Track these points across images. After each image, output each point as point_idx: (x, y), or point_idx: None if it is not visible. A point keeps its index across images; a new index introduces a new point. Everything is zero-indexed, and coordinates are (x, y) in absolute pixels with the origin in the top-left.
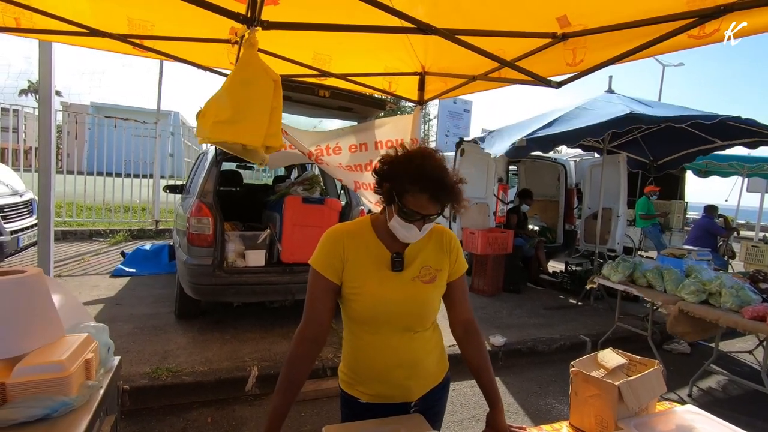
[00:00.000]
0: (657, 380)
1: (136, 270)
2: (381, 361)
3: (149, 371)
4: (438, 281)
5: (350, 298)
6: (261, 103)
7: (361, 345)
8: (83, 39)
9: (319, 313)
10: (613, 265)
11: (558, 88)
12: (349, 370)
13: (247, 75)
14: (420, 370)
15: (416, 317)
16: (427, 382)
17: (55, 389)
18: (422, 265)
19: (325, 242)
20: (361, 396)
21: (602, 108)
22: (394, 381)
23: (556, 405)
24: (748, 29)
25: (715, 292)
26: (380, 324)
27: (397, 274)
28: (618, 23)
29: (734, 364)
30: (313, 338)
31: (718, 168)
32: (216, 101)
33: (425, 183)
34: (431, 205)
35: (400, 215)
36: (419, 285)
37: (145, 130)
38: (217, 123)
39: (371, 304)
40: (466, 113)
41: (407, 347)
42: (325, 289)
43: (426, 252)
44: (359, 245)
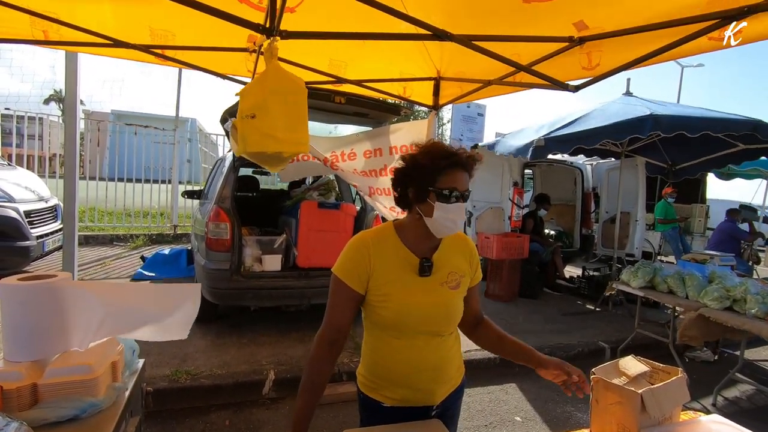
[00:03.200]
0: (680, 389)
1: (155, 274)
2: (407, 364)
3: (169, 374)
4: (462, 287)
5: (378, 305)
6: (302, 109)
7: (385, 349)
8: (108, 50)
9: (340, 320)
10: (632, 271)
11: (575, 91)
12: (371, 374)
13: (281, 84)
14: (443, 373)
15: (443, 322)
16: (448, 385)
17: (84, 390)
18: (449, 271)
19: (349, 251)
20: (385, 400)
21: (620, 110)
22: (419, 385)
23: (574, 413)
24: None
25: (740, 299)
26: (408, 329)
27: (425, 279)
28: (636, 26)
29: (760, 372)
30: (333, 341)
31: (741, 171)
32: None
33: (452, 158)
34: (463, 177)
35: (441, 200)
36: (447, 290)
37: (164, 137)
38: (266, 135)
39: (400, 310)
40: (480, 117)
41: (433, 351)
42: (347, 297)
43: (451, 258)
44: (386, 252)
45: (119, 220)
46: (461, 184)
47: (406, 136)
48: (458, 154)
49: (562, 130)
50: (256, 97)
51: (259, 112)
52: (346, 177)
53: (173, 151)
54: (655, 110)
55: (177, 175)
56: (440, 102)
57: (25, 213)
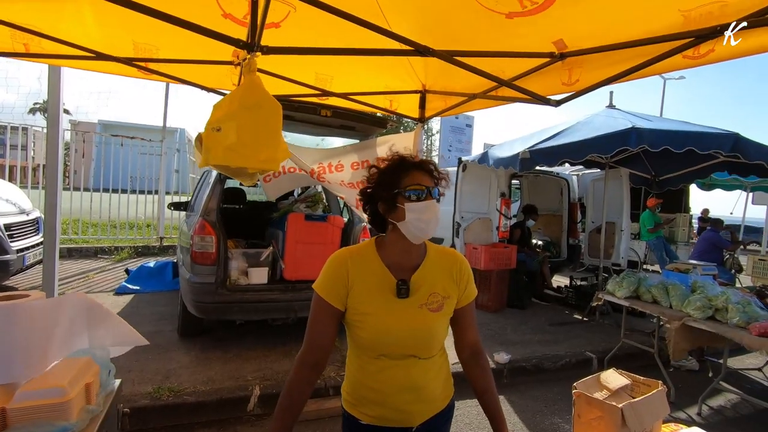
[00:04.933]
0: (661, 402)
1: (140, 287)
2: (385, 384)
3: (151, 391)
4: (445, 309)
5: (355, 324)
6: (273, 126)
7: (365, 368)
8: (90, 63)
9: (321, 338)
10: (617, 281)
11: (557, 106)
12: (352, 390)
13: (253, 100)
14: (423, 395)
15: (422, 346)
16: (430, 407)
17: (56, 414)
18: (431, 292)
19: (329, 267)
20: (362, 417)
21: (603, 123)
22: (396, 405)
23: (562, 425)
24: (741, 50)
25: (722, 308)
26: (385, 351)
27: (403, 301)
28: (614, 43)
29: (745, 381)
30: (314, 363)
31: (722, 181)
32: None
33: (411, 162)
34: (426, 176)
35: (410, 202)
36: (426, 313)
37: (151, 148)
38: (229, 149)
39: (377, 332)
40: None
41: (411, 373)
42: (327, 314)
43: (434, 278)
44: (364, 270)
45: (104, 231)
46: (427, 181)
47: (393, 148)
48: (418, 162)
49: (547, 143)
50: (225, 110)
51: (225, 125)
52: (333, 189)
53: (161, 162)
54: (636, 123)
55: (164, 186)
56: (426, 114)
57: (5, 226)
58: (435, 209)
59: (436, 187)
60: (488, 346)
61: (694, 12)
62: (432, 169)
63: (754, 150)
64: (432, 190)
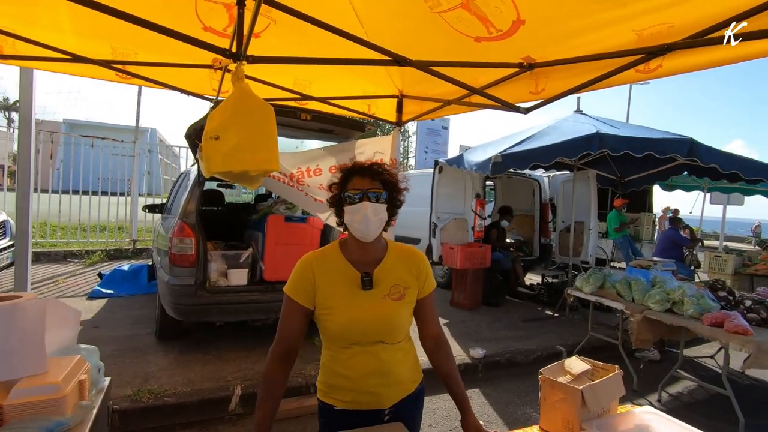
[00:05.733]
0: (617, 384)
1: (114, 291)
2: (355, 370)
3: (130, 393)
4: (407, 298)
5: (324, 318)
6: (268, 129)
7: (336, 357)
8: (66, 65)
9: (290, 335)
10: (585, 277)
11: (526, 113)
12: (326, 379)
13: (247, 105)
14: (392, 378)
15: (387, 332)
16: (399, 390)
17: (51, 410)
18: (392, 284)
19: (296, 269)
20: (336, 403)
21: (571, 128)
22: (367, 389)
23: (533, 414)
24: (684, 66)
25: (678, 301)
26: (353, 339)
27: (368, 292)
28: (577, 57)
29: (700, 369)
30: (285, 356)
31: (682, 182)
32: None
33: (353, 169)
34: (363, 180)
35: (347, 205)
36: (389, 302)
37: (123, 149)
38: (228, 155)
39: (343, 323)
40: (444, 130)
41: (380, 358)
42: (296, 313)
43: (394, 272)
44: (329, 268)
45: (73, 235)
46: (362, 184)
47: (371, 151)
48: (359, 166)
49: (518, 147)
50: (219, 119)
51: (222, 133)
52: (312, 192)
53: (133, 164)
54: (601, 129)
55: (137, 188)
56: (403, 119)
57: None
58: (364, 211)
59: (377, 191)
60: (464, 342)
61: (646, 31)
62: (375, 172)
63: (707, 154)
64: (369, 192)
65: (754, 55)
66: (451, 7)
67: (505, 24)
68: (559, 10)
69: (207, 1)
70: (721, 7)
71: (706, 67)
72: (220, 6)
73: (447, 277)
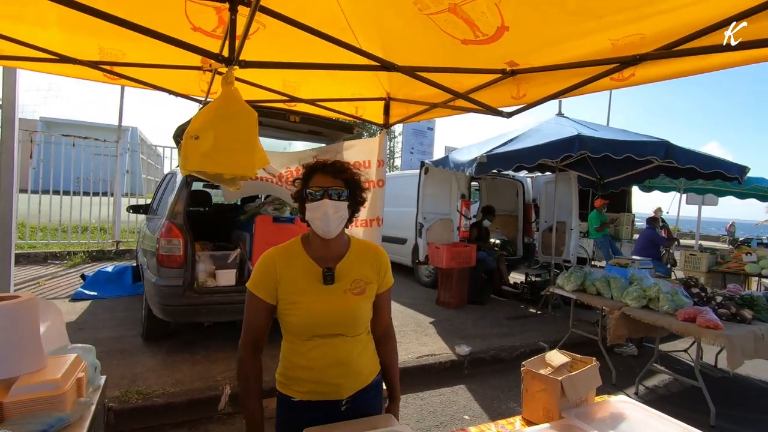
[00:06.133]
0: (594, 375)
1: (97, 293)
2: (315, 361)
3: (118, 395)
4: (368, 293)
5: (286, 312)
6: (249, 135)
7: (297, 350)
8: (52, 66)
9: (255, 329)
10: (566, 276)
11: (509, 117)
12: (285, 371)
13: (230, 110)
14: (351, 369)
15: (348, 325)
16: (357, 381)
17: (51, 406)
18: (354, 279)
19: (258, 265)
20: (294, 395)
21: (553, 130)
22: (326, 379)
23: (517, 408)
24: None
25: (654, 298)
26: (315, 332)
27: (330, 287)
28: (556, 64)
29: (675, 363)
30: (253, 347)
31: (659, 183)
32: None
33: (315, 165)
34: (324, 178)
35: (309, 202)
36: (350, 297)
37: (105, 149)
38: (205, 156)
39: (306, 316)
40: (430, 131)
41: (339, 349)
42: (259, 308)
43: (356, 267)
44: (291, 264)
45: (53, 236)
46: (323, 182)
47: (359, 152)
48: (321, 165)
49: (502, 148)
50: (202, 119)
51: (201, 133)
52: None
53: (115, 164)
54: (581, 131)
55: (120, 189)
56: (390, 121)
57: None
58: (324, 207)
59: (338, 189)
60: (450, 340)
61: (620, 41)
62: (338, 170)
63: (683, 156)
64: (330, 190)
65: (716, 66)
66: (438, 10)
67: (491, 29)
68: (541, 19)
69: (196, 4)
70: (686, 21)
71: (675, 76)
72: (210, 9)
73: (433, 277)
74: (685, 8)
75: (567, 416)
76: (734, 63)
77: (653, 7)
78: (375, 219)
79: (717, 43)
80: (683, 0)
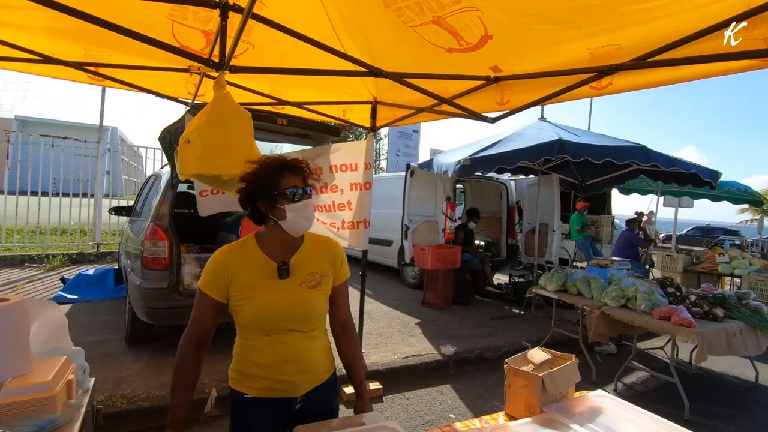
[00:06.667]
0: (573, 371)
1: (78, 296)
2: (270, 357)
3: (102, 399)
4: (323, 286)
5: (239, 308)
6: (244, 136)
7: (250, 345)
8: (36, 66)
9: (203, 328)
10: (548, 276)
11: (493, 123)
12: (238, 368)
13: (224, 113)
14: (305, 365)
15: (304, 319)
16: (312, 378)
17: (42, 408)
18: (308, 272)
19: (209, 264)
20: (248, 391)
21: (535, 134)
22: (280, 376)
23: (500, 406)
24: (631, 85)
25: (632, 297)
26: (269, 327)
27: (285, 281)
28: (538, 72)
29: (653, 360)
30: (198, 345)
31: (638, 186)
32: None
33: (286, 165)
34: (299, 179)
35: (290, 202)
36: (306, 290)
37: (85, 149)
38: (201, 159)
39: (259, 311)
40: (415, 134)
41: (293, 346)
42: (209, 306)
43: (311, 260)
44: (244, 260)
45: (31, 238)
46: (301, 183)
47: (346, 155)
48: (289, 160)
49: (486, 151)
50: (197, 124)
51: (197, 137)
52: None
53: (96, 165)
54: (562, 136)
55: (100, 190)
56: (377, 124)
57: None
58: (311, 207)
59: (309, 186)
60: (436, 340)
61: (598, 51)
62: (305, 169)
63: (662, 159)
64: (307, 189)
65: (688, 77)
66: (423, 22)
67: (475, 38)
68: (523, 28)
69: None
70: (659, 33)
71: (649, 86)
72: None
73: (419, 278)
74: (658, 20)
75: (548, 410)
76: (706, 74)
77: (628, 18)
78: (362, 221)
79: (689, 55)
80: (656, 12)
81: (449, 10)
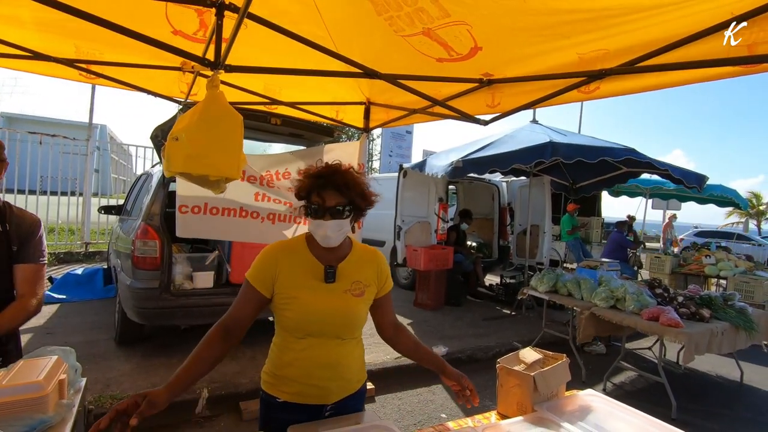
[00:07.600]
0: (564, 371)
1: (66, 296)
2: (306, 361)
3: (91, 400)
4: (366, 295)
5: (283, 306)
6: (233, 137)
7: (289, 347)
8: (26, 63)
9: (240, 314)
10: (539, 277)
11: (486, 125)
12: (274, 370)
13: (215, 113)
14: (341, 372)
15: (345, 326)
16: (346, 386)
17: (33, 408)
18: (354, 280)
19: (260, 257)
20: (280, 395)
21: (526, 137)
22: (315, 381)
23: (492, 405)
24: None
25: (621, 298)
26: (310, 330)
27: (330, 285)
28: (528, 75)
29: (642, 360)
30: (229, 330)
31: (627, 189)
32: (185, 137)
33: (320, 177)
34: (329, 195)
35: (310, 216)
36: (350, 297)
37: (74, 147)
38: (189, 157)
39: (303, 312)
40: (408, 135)
41: (332, 352)
42: (252, 299)
43: (357, 269)
44: (294, 259)
45: None
46: (329, 199)
47: (339, 156)
48: (325, 174)
49: (478, 153)
50: (187, 122)
51: (186, 136)
52: (281, 195)
53: (85, 163)
54: (554, 138)
55: (89, 189)
56: (371, 125)
57: None
58: (325, 228)
59: (342, 205)
60: (427, 340)
61: (587, 55)
62: (341, 189)
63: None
64: (336, 208)
65: (674, 83)
66: (413, 33)
67: (464, 49)
68: (512, 41)
69: (178, 5)
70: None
71: (636, 91)
72: (191, 11)
73: (411, 279)
74: (644, 29)
75: (539, 409)
76: (692, 80)
77: (615, 28)
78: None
79: (675, 61)
80: (640, 23)
81: (439, 23)
